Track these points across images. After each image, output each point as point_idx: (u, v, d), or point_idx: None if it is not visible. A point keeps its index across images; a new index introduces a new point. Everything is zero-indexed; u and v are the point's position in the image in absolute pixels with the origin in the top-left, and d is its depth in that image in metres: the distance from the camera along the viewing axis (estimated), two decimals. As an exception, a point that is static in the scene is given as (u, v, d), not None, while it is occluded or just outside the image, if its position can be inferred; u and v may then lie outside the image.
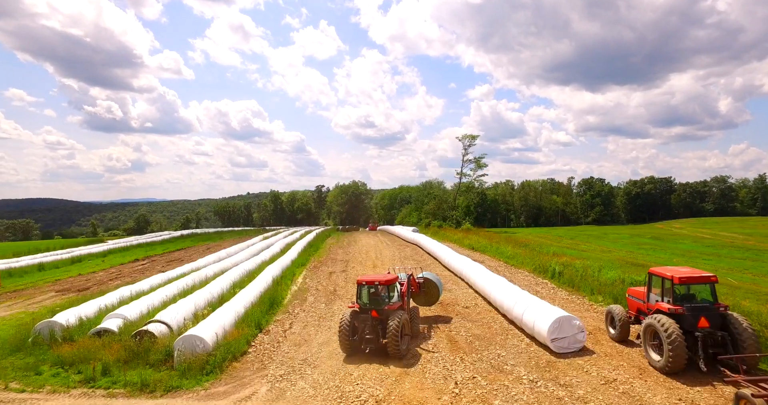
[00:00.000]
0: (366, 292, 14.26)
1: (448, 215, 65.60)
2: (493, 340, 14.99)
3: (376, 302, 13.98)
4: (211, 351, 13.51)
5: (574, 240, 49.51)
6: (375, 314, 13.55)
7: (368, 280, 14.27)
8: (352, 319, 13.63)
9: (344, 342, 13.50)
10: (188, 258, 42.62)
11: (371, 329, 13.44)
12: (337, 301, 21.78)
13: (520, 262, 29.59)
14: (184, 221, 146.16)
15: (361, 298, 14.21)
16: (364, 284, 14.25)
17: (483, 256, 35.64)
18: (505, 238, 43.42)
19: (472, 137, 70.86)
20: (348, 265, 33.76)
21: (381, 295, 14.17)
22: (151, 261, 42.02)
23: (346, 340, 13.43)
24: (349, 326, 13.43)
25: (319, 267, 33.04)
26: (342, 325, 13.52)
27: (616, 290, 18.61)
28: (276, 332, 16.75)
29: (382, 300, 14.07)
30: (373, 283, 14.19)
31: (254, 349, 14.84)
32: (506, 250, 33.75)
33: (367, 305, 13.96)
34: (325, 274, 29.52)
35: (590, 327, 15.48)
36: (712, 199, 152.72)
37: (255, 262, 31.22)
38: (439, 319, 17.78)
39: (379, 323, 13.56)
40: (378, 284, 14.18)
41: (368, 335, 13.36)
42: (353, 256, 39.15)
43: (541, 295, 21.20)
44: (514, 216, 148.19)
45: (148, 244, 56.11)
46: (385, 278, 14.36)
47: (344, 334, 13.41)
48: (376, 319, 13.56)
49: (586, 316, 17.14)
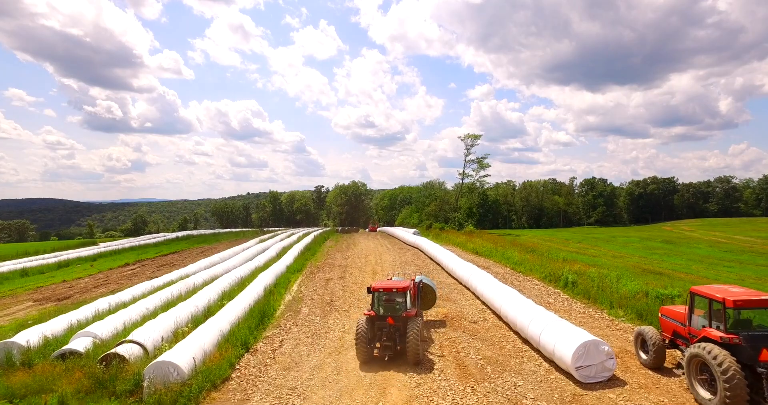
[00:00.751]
0: (382, 299, 14.11)
1: (450, 217, 63.76)
2: (507, 364, 13.29)
3: (392, 309, 13.92)
4: (187, 379, 11.81)
5: (581, 244, 47.72)
6: (391, 321, 13.46)
7: (385, 287, 14.11)
8: (368, 326, 13.49)
9: (361, 349, 13.22)
10: (180, 262, 40.99)
11: (388, 336, 13.44)
12: (333, 313, 20.10)
13: (529, 269, 27.89)
14: (182, 222, 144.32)
15: (376, 305, 14.07)
16: (381, 291, 14.08)
17: (488, 261, 33.96)
18: (511, 241, 41.67)
19: (475, 137, 68.88)
20: (346, 271, 32.08)
21: (397, 302, 14.05)
22: (141, 265, 40.35)
23: (363, 347, 13.17)
24: (366, 333, 13.24)
25: (315, 273, 31.37)
26: (359, 332, 13.27)
27: (640, 304, 16.92)
28: (264, 352, 15.06)
29: (399, 307, 13.98)
30: (390, 290, 14.03)
31: (238, 374, 13.15)
32: (513, 255, 32.03)
33: (382, 312, 13.86)
34: (321, 282, 27.83)
35: (615, 348, 13.79)
36: (716, 200, 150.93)
37: (248, 269, 29.54)
38: (444, 337, 16.10)
39: (396, 330, 13.53)
40: (395, 291, 14.03)
41: (386, 342, 13.34)
42: (352, 260, 37.47)
43: (554, 307, 19.53)
44: (515, 217, 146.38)
45: (141, 246, 54.39)
46: (402, 285, 14.21)
47: (362, 341, 13.14)
48: (393, 326, 13.51)
49: (608, 335, 15.46)
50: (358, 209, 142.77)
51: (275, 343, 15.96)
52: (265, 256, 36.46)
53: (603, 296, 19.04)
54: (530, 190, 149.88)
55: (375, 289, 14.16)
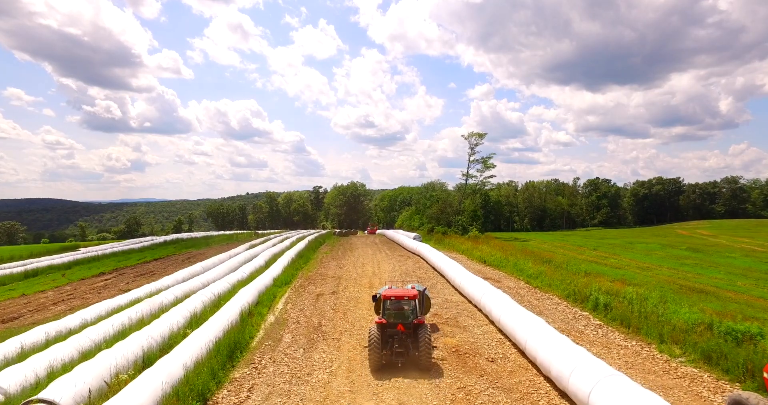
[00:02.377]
0: (392, 307, 14.29)
1: (452, 220, 60.25)
2: (545, 433, 9.90)
3: (403, 316, 14.12)
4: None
5: (598, 251, 44.16)
6: (402, 328, 13.70)
7: (397, 295, 14.34)
8: (380, 334, 13.67)
9: (375, 356, 13.44)
10: (162, 271, 37.68)
11: (400, 343, 13.66)
12: (320, 343, 16.70)
13: (547, 285, 24.49)
14: (176, 223, 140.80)
15: (387, 313, 14.23)
16: (393, 299, 14.29)
17: (498, 272, 30.55)
18: (521, 248, 38.18)
19: (480, 135, 64.98)
20: (340, 283, 28.71)
21: (407, 310, 14.25)
22: (119, 274, 36.97)
23: (377, 354, 13.39)
24: (379, 340, 13.48)
25: (306, 286, 28.00)
26: (372, 339, 13.52)
27: (703, 341, 13.46)
28: (226, 407, 11.69)
29: (409, 314, 14.16)
30: (402, 298, 14.24)
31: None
32: (526, 265, 28.59)
33: (393, 320, 14.01)
34: (311, 298, 24.46)
35: (686, 408, 10.39)
36: (723, 201, 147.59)
37: (229, 282, 26.16)
38: (457, 384, 12.70)
39: (408, 337, 13.80)
40: (407, 299, 14.27)
41: (398, 349, 13.52)
42: (347, 270, 34.09)
43: (586, 337, 16.16)
44: (517, 218, 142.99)
45: (124, 252, 50.94)
46: (413, 293, 14.47)
47: (375, 348, 13.37)
48: (403, 334, 13.77)
49: (669, 385, 12.05)
50: (357, 210, 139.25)
51: (242, 392, 12.57)
52: (252, 266, 33.08)
53: (648, 325, 15.61)
54: (533, 191, 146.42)
55: (386, 297, 14.36)
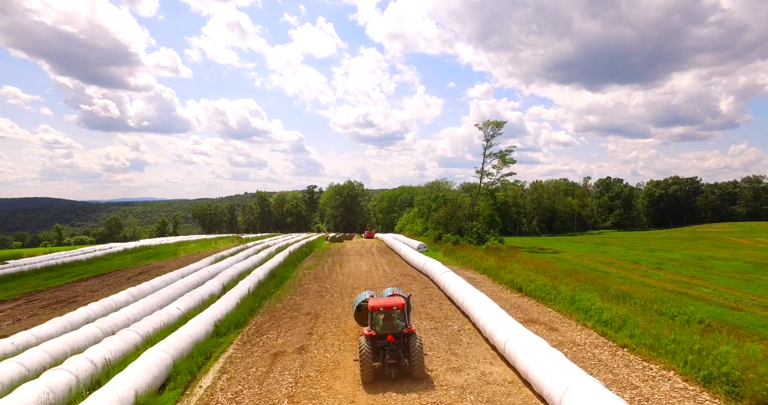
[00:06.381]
0: (381, 318, 13.58)
1: (465, 226, 50.79)
2: None
3: (392, 327, 13.50)
4: None
5: (664, 271, 34.70)
6: (391, 338, 13.16)
7: (385, 306, 13.59)
8: (371, 346, 13.03)
9: (367, 369, 12.73)
10: (89, 296, 28.74)
11: (392, 354, 13.19)
12: None
13: (648, 347, 14.88)
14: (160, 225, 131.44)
15: (376, 324, 13.58)
16: (381, 310, 13.57)
17: (545, 309, 21.24)
18: (563, 269, 28.68)
19: (497, 124, 54.91)
20: (315, 325, 19.59)
21: (397, 320, 13.60)
22: (26, 302, 27.78)
23: (369, 366, 12.72)
24: (370, 352, 12.83)
25: (264, 331, 18.90)
26: (363, 352, 12.76)
27: None
28: None
29: (398, 324, 13.56)
30: (390, 309, 13.55)
31: None
32: (594, 303, 18.76)
33: (382, 330, 13.39)
34: (263, 361, 15.30)
35: None
36: (744, 202, 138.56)
37: (140, 335, 16.97)
38: None
39: (398, 347, 13.36)
40: (396, 309, 13.59)
41: (390, 360, 13.09)
42: (330, 299, 24.89)
43: None
44: (525, 220, 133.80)
45: (64, 265, 41.58)
46: (400, 302, 13.82)
47: (367, 360, 12.69)
48: (394, 344, 13.26)
49: None
50: (354, 212, 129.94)
51: None
52: (199, 295, 23.90)
53: None
54: (541, 192, 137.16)
55: (374, 308, 13.66)
